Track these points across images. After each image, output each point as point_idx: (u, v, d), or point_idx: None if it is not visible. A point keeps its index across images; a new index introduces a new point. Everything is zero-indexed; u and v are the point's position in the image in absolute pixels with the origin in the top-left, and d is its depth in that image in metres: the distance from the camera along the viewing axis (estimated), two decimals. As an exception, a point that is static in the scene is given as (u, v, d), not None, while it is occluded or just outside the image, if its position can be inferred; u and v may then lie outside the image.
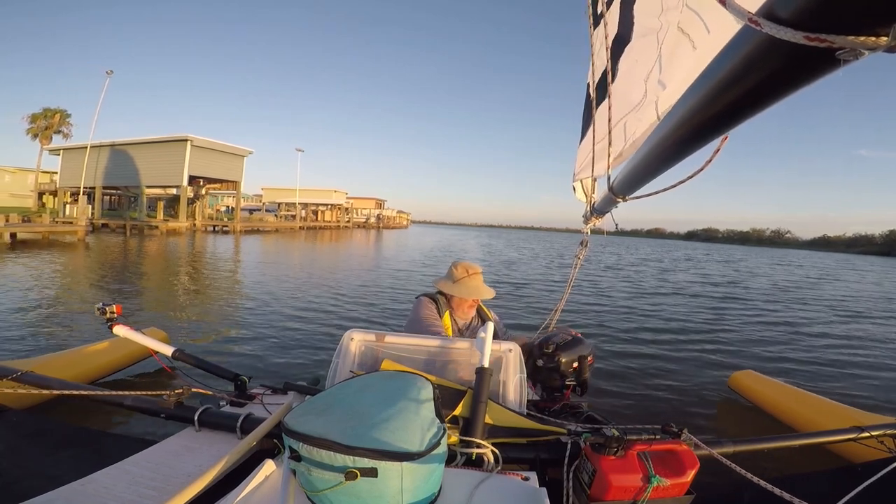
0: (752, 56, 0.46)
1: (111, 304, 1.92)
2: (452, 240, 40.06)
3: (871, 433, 1.76)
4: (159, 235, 22.80)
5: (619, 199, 1.52)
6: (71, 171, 28.84)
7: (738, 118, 0.57)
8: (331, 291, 8.40)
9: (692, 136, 0.69)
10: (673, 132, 0.73)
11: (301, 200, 47.38)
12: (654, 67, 1.44)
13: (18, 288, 7.07)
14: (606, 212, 2.04)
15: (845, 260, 44.62)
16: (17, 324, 4.98)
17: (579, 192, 2.49)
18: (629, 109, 1.60)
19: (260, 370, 3.86)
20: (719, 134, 0.65)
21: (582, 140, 2.18)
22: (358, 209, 64.42)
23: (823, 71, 0.42)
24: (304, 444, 0.92)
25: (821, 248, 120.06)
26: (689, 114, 0.64)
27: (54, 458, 1.49)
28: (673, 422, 1.32)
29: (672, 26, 1.33)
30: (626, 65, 1.58)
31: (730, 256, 33.64)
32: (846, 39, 0.36)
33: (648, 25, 1.44)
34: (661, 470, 1.11)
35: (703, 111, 0.60)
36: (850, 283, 17.18)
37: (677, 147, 0.76)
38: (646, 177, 1.06)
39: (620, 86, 1.61)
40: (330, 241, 26.82)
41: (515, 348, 1.61)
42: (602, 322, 6.73)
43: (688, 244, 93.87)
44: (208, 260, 13.89)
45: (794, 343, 6.05)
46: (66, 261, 11.51)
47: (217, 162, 29.35)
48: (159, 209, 31.12)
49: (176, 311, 6.18)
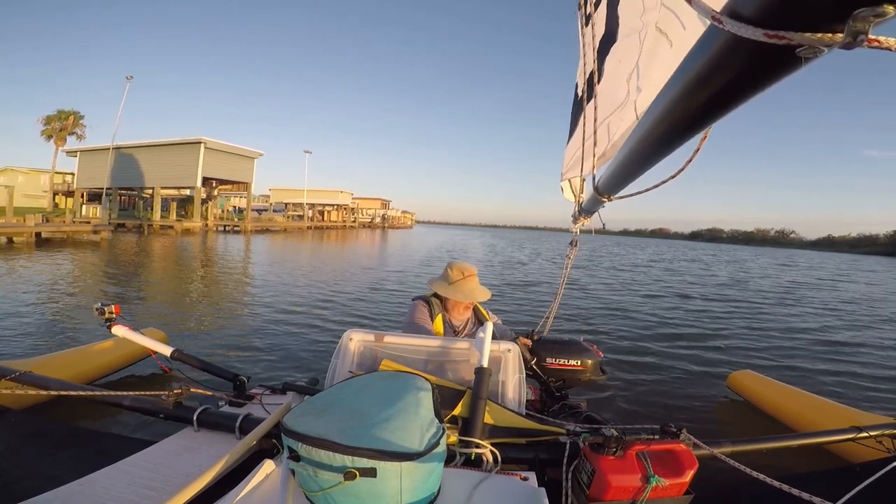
0: (719, 54, 0.47)
1: (110, 305, 1.92)
2: (457, 240, 40.12)
3: (869, 433, 1.76)
4: (174, 235, 23.63)
5: (604, 199, 1.53)
6: (88, 173, 30.17)
7: (710, 117, 0.58)
8: (334, 291, 8.40)
9: (669, 135, 0.69)
10: (650, 131, 0.73)
11: (308, 201, 47.86)
12: (635, 67, 1.45)
13: (73, 281, 8.34)
14: (594, 211, 2.03)
15: (853, 261, 44.48)
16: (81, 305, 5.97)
17: (567, 191, 2.48)
18: (613, 109, 1.60)
19: (259, 370, 3.86)
20: (694, 132, 0.66)
21: (570, 140, 2.18)
22: (363, 209, 64.86)
23: (786, 68, 0.43)
24: (303, 444, 0.92)
25: (825, 248, 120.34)
26: (663, 113, 0.65)
27: (53, 458, 1.49)
28: (671, 422, 1.32)
29: (651, 26, 1.33)
30: (612, 64, 1.58)
31: (735, 257, 33.52)
32: (804, 36, 0.37)
33: (631, 25, 1.44)
34: (660, 470, 1.11)
35: (676, 110, 0.61)
36: (851, 284, 17.20)
37: (656, 146, 0.77)
38: (629, 176, 1.07)
39: (606, 86, 1.61)
40: (336, 241, 27.29)
41: (514, 348, 1.61)
42: (602, 322, 6.74)
43: (692, 244, 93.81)
44: (224, 259, 14.35)
45: (793, 343, 6.05)
46: (99, 259, 12.29)
47: (229, 164, 30.43)
48: (172, 209, 32.05)
49: (192, 306, 6.62)
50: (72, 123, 32.21)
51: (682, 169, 1.05)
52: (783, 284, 14.74)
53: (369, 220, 64.29)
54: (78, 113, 32.61)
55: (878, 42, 0.36)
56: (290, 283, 9.21)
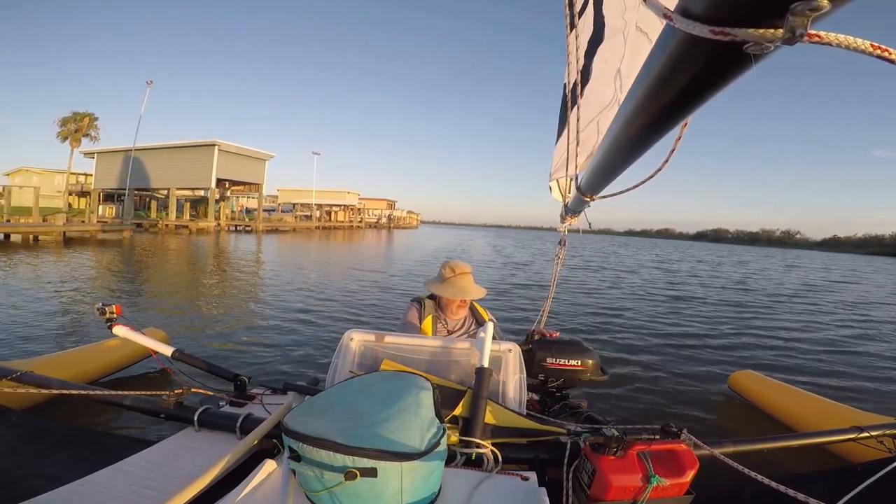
0: (676, 53, 0.47)
1: (111, 304, 1.91)
2: (461, 239, 40.13)
3: (870, 433, 1.76)
4: (189, 234, 24.57)
5: (587, 199, 1.53)
6: (105, 174, 31.27)
7: (677, 115, 0.58)
8: (336, 291, 8.41)
9: (640, 134, 0.69)
10: (623, 130, 0.73)
11: (316, 201, 48.56)
12: (620, 66, 1.46)
13: (117, 271, 9.76)
14: (579, 211, 2.04)
15: (865, 262, 44.26)
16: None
17: (555, 191, 2.50)
18: (601, 108, 1.60)
19: (259, 370, 3.86)
20: (663, 131, 0.66)
21: (558, 140, 2.18)
22: (370, 210, 65.25)
23: (737, 66, 0.43)
24: (303, 444, 0.92)
25: (831, 248, 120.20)
26: (633, 112, 0.65)
27: (54, 459, 1.49)
28: (672, 422, 1.32)
29: (632, 25, 1.33)
30: (599, 64, 1.59)
31: (740, 259, 33.33)
32: (747, 32, 0.37)
33: (615, 25, 1.45)
34: (661, 470, 1.11)
35: (644, 108, 0.61)
36: (853, 285, 17.18)
37: (630, 144, 0.77)
38: (608, 175, 1.07)
39: (594, 85, 1.62)
40: (343, 241, 27.80)
41: (515, 348, 1.62)
42: (602, 322, 6.73)
43: (697, 245, 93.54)
44: (236, 258, 14.70)
45: (794, 343, 6.04)
46: (128, 256, 13.12)
47: (241, 165, 31.24)
48: (185, 210, 32.91)
49: (209, 302, 6.91)
50: (86, 125, 32.98)
51: (659, 169, 1.06)
52: (785, 285, 14.73)
53: (375, 220, 64.83)
54: (92, 115, 33.47)
55: (818, 37, 0.36)
56: (294, 283, 9.24)
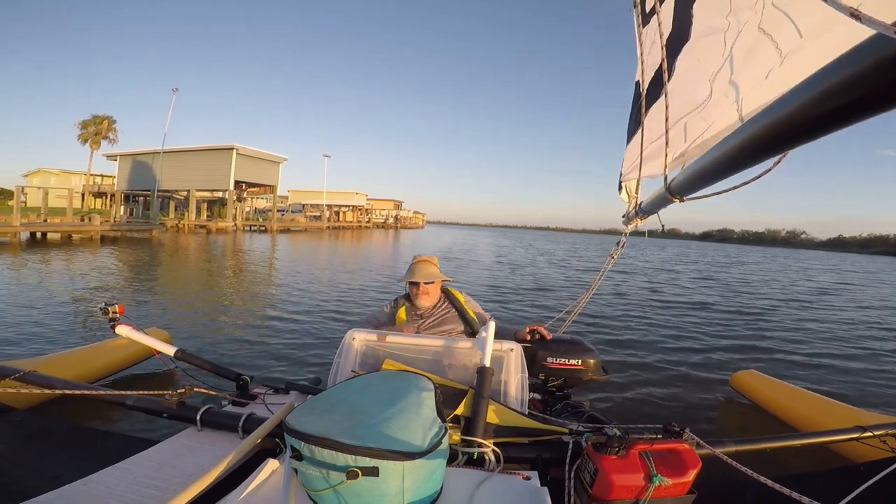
0: (881, 66, 0.45)
1: (114, 304, 1.92)
2: (466, 239, 40.29)
3: (873, 433, 1.75)
4: (207, 234, 26.18)
5: (675, 199, 1.49)
6: (127, 175, 32.59)
7: (838, 125, 0.55)
8: (341, 291, 8.42)
9: (777, 142, 0.67)
10: (756, 137, 0.70)
11: (326, 202, 49.66)
12: (723, 67, 1.40)
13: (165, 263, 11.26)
14: (654, 212, 2.00)
15: (863, 261, 44.01)
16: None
17: (624, 193, 2.45)
18: (690, 109, 1.54)
19: (261, 370, 3.86)
20: (810, 139, 0.63)
21: (630, 141, 2.11)
22: (377, 210, 66.25)
23: None
24: (305, 444, 0.92)
25: (836, 248, 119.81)
26: (780, 121, 0.62)
27: (56, 458, 1.49)
28: (675, 421, 1.31)
29: (748, 26, 1.29)
30: (686, 63, 1.54)
31: (749, 259, 33.20)
32: None
33: (713, 25, 1.41)
34: (663, 469, 1.10)
35: (797, 119, 0.58)
36: (856, 285, 17.12)
37: (757, 152, 0.74)
38: (713, 178, 1.04)
39: (678, 84, 1.56)
40: (352, 241, 28.75)
41: (517, 348, 1.61)
42: (601, 322, 6.72)
43: (705, 245, 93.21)
44: (255, 256, 15.67)
45: (797, 343, 6.03)
46: (162, 253, 14.35)
47: (257, 168, 32.62)
48: (202, 210, 33.93)
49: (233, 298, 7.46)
50: (105, 128, 34.01)
51: (768, 170, 1.03)
52: (786, 285, 14.68)
53: (382, 220, 65.83)
54: (111, 118, 34.53)
55: None
56: (306, 281, 9.43)
